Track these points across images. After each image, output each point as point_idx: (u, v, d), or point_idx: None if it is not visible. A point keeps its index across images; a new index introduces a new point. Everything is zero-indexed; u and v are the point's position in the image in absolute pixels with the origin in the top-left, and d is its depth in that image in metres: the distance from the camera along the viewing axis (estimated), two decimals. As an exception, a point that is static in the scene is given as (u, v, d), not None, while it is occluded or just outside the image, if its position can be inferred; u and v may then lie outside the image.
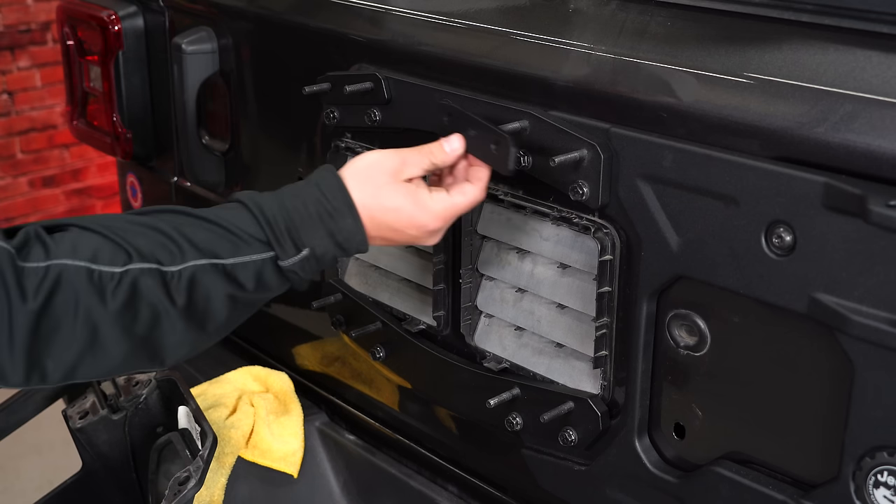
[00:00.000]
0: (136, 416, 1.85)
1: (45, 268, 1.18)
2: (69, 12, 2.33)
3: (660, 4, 1.34)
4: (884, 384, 1.10)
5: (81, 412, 1.84)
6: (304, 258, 1.29)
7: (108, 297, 1.20)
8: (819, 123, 1.12)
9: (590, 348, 1.39)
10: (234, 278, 1.27)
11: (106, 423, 1.83)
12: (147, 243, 1.24)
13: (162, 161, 2.29)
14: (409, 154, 1.37)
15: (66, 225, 1.25)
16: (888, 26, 1.14)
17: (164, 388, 1.84)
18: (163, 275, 1.23)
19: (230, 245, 1.27)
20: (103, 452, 1.85)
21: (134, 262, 1.22)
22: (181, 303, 1.24)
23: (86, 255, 1.21)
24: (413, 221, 1.34)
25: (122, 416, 1.84)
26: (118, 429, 1.84)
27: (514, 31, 1.46)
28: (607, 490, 1.42)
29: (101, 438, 1.84)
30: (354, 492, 1.89)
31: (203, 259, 1.25)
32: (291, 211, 1.30)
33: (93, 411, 1.83)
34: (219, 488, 1.80)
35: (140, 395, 1.84)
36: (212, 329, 1.29)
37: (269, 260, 1.28)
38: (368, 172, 1.34)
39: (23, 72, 4.74)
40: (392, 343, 1.70)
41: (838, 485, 1.15)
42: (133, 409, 1.84)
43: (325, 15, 1.75)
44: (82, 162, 4.98)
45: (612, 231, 1.33)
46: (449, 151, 1.37)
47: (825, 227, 1.11)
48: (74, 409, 1.86)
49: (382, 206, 1.33)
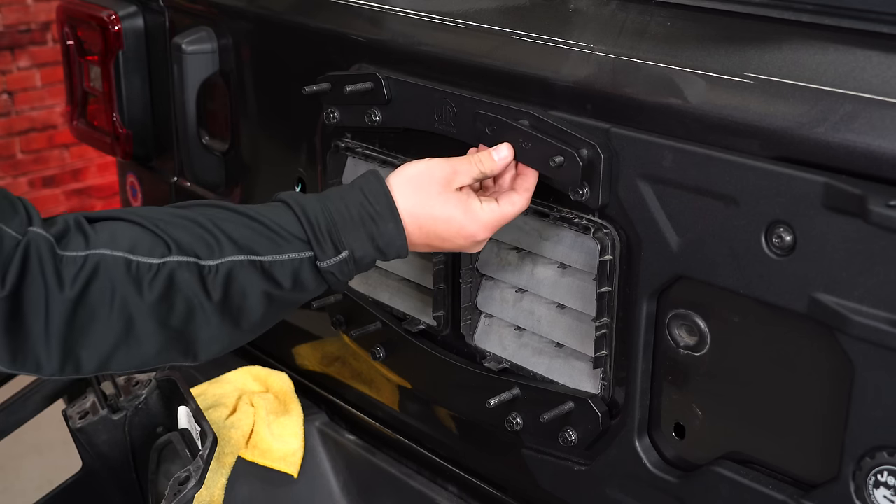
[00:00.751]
0: (136, 416, 1.85)
1: (83, 257, 1.19)
2: (69, 12, 2.33)
3: (660, 4, 1.34)
4: (884, 384, 1.10)
5: (81, 412, 1.84)
6: (342, 260, 1.29)
7: (144, 289, 1.21)
8: (819, 123, 1.12)
9: (590, 348, 1.39)
10: (272, 276, 1.27)
11: (106, 423, 1.83)
12: (186, 236, 1.24)
13: (162, 161, 2.29)
14: (460, 163, 1.36)
15: (107, 217, 1.25)
16: (888, 26, 1.14)
17: (164, 388, 1.84)
18: (200, 269, 1.23)
19: (269, 243, 1.27)
20: (103, 452, 1.85)
21: (172, 255, 1.22)
22: (217, 297, 1.24)
23: (124, 246, 1.21)
24: (462, 231, 1.34)
25: (122, 416, 1.83)
26: (118, 429, 1.84)
27: (514, 31, 1.46)
28: (607, 490, 1.42)
29: (101, 438, 1.84)
30: (354, 492, 1.89)
31: (241, 255, 1.25)
32: (334, 212, 1.30)
33: (93, 411, 1.83)
34: (219, 488, 1.80)
35: (140, 395, 1.84)
36: (246, 326, 1.29)
37: (308, 260, 1.28)
38: (419, 181, 1.34)
39: (23, 72, 4.74)
40: (392, 343, 1.70)
41: (838, 485, 1.15)
42: (133, 409, 1.84)
43: (325, 15, 1.75)
44: (82, 162, 4.98)
45: (612, 231, 1.33)
46: (498, 160, 1.37)
47: (825, 227, 1.11)
48: (74, 409, 1.86)
49: (433, 215, 1.33)
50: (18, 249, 1.16)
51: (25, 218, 1.19)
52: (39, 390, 1.91)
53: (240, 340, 1.31)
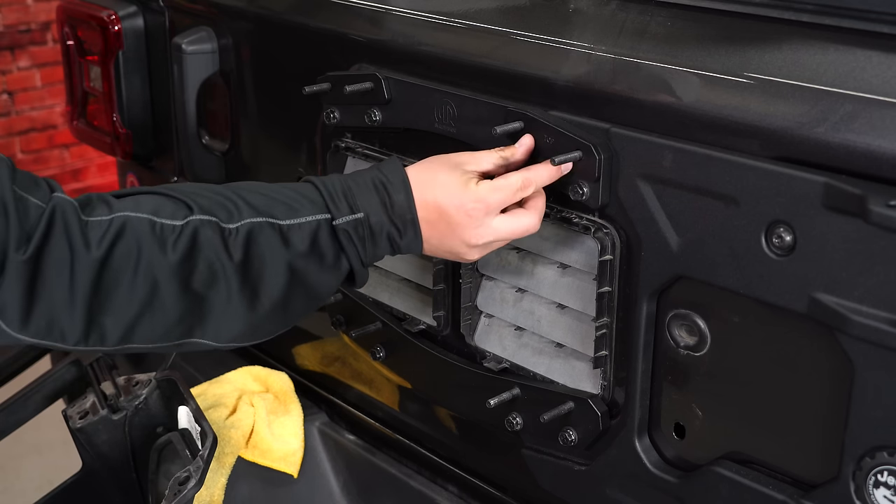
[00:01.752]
0: (136, 416, 1.85)
1: (108, 220, 1.22)
2: (69, 12, 2.33)
3: (660, 4, 1.34)
4: (884, 384, 1.10)
5: (81, 412, 1.84)
6: (357, 220, 1.31)
7: (168, 249, 1.23)
8: (819, 123, 1.12)
9: (590, 348, 1.39)
10: (289, 240, 1.29)
11: (106, 423, 1.83)
12: (207, 201, 1.28)
13: (162, 161, 2.29)
14: (480, 152, 1.39)
15: (128, 193, 1.29)
16: (888, 26, 1.14)
17: (164, 388, 1.84)
18: (221, 230, 1.26)
19: (287, 209, 1.31)
20: (103, 452, 1.85)
21: (195, 214, 1.26)
22: (238, 258, 1.26)
23: (148, 209, 1.25)
24: (461, 205, 1.32)
25: (122, 416, 1.83)
26: (118, 429, 1.84)
27: (514, 31, 1.46)
28: (607, 490, 1.42)
29: (101, 438, 1.84)
30: (354, 492, 1.89)
31: (260, 217, 1.29)
32: (349, 180, 1.34)
33: (93, 411, 1.83)
34: (219, 488, 1.80)
35: (140, 395, 1.84)
36: (266, 301, 1.30)
37: (325, 221, 1.31)
38: (433, 160, 1.38)
39: (23, 72, 4.74)
40: (392, 343, 1.70)
41: (838, 485, 1.15)
42: (133, 409, 1.84)
43: (325, 15, 1.75)
44: (82, 162, 4.99)
45: (612, 231, 1.33)
46: (519, 147, 1.37)
47: (825, 227, 1.11)
48: (74, 409, 1.85)
49: (437, 182, 1.34)
50: (44, 215, 1.18)
51: (47, 190, 1.23)
52: (39, 390, 1.91)
53: (258, 321, 1.32)
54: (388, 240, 1.34)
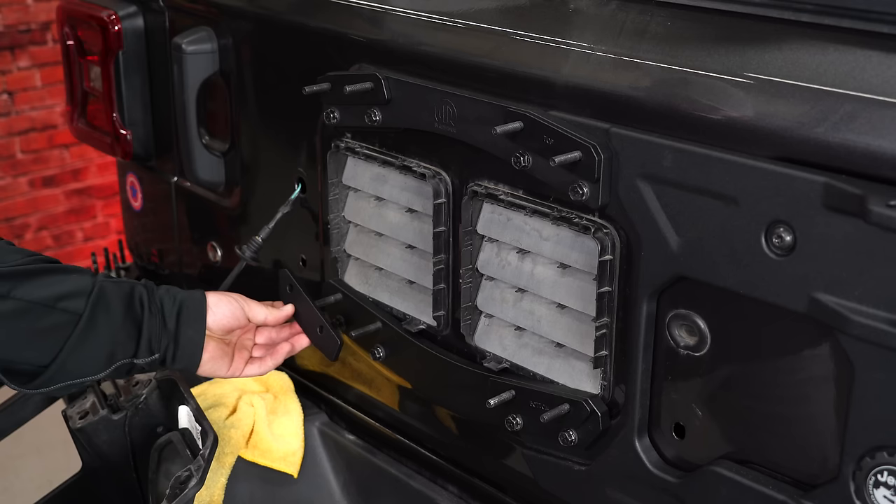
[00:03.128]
0: (136, 416, 1.85)
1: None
2: (69, 12, 2.33)
3: (660, 4, 1.34)
4: (884, 384, 1.10)
5: (81, 412, 1.84)
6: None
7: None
8: (819, 123, 1.12)
9: (590, 348, 1.39)
10: None
11: (106, 423, 1.83)
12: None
13: (162, 161, 2.29)
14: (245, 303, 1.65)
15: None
16: (888, 26, 1.14)
17: (164, 388, 1.84)
18: None
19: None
20: (103, 452, 1.85)
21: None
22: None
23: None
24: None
25: (122, 416, 1.84)
26: (118, 429, 1.84)
27: (514, 31, 1.46)
28: (607, 490, 1.42)
29: (101, 438, 1.84)
30: (354, 492, 1.89)
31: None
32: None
33: (93, 411, 1.83)
34: (219, 488, 1.80)
35: (140, 395, 1.84)
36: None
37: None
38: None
39: (23, 72, 4.73)
40: (392, 343, 1.70)
41: (838, 485, 1.15)
42: (133, 409, 1.84)
43: (325, 15, 1.75)
44: (82, 162, 4.98)
45: (612, 231, 1.33)
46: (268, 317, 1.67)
47: (825, 227, 1.11)
48: (74, 409, 1.86)
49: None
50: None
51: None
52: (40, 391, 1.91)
53: None
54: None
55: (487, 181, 1.49)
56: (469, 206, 1.51)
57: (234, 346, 1.65)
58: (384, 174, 1.65)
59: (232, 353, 1.64)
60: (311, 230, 1.84)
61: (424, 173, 1.56)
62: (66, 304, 1.45)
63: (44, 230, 4.94)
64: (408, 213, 1.63)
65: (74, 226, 5.04)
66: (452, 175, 1.54)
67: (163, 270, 2.42)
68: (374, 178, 1.67)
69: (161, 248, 2.41)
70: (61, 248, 5.00)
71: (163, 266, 2.42)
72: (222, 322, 1.60)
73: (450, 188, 1.54)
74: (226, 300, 1.62)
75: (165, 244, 2.38)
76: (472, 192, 1.50)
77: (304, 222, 1.85)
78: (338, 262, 1.78)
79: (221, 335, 1.62)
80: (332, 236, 1.76)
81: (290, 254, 1.92)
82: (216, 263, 2.16)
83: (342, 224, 1.76)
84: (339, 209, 1.75)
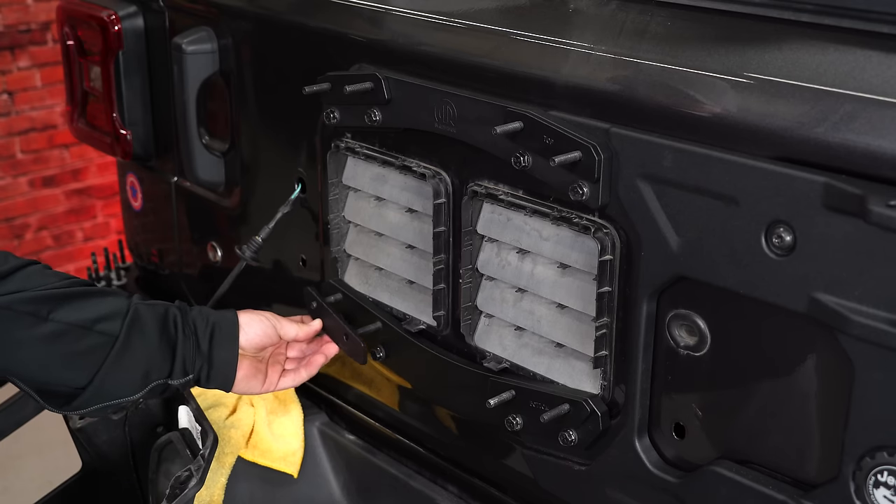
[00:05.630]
0: (136, 415, 1.85)
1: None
2: (69, 12, 2.33)
3: (660, 4, 1.34)
4: (884, 384, 1.10)
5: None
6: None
7: None
8: (819, 123, 1.12)
9: (590, 348, 1.39)
10: None
11: (106, 423, 1.83)
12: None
13: (162, 161, 2.29)
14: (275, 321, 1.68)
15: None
16: (888, 26, 1.14)
17: (164, 388, 1.83)
18: None
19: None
20: (103, 452, 1.86)
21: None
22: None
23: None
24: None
25: (122, 416, 1.84)
26: (118, 429, 1.84)
27: (514, 31, 1.46)
28: (607, 490, 1.42)
29: (101, 438, 1.84)
30: (354, 492, 1.89)
31: None
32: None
33: (93, 411, 1.83)
34: (219, 488, 1.80)
35: (140, 394, 1.83)
36: None
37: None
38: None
39: (23, 72, 4.73)
40: (392, 343, 1.70)
41: (838, 485, 1.15)
42: (133, 408, 1.84)
43: (325, 15, 1.75)
44: (82, 162, 4.98)
45: (612, 231, 1.33)
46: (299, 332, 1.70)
47: (825, 227, 1.11)
48: (74, 409, 1.85)
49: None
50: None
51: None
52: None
53: None
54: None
55: (487, 181, 1.49)
56: (469, 206, 1.51)
57: (266, 362, 1.68)
58: (384, 174, 1.65)
59: (265, 370, 1.67)
60: (311, 230, 1.84)
61: (424, 173, 1.56)
62: (103, 327, 1.47)
63: (44, 230, 4.94)
64: (408, 213, 1.63)
65: (74, 226, 5.04)
66: (452, 175, 1.54)
67: (163, 270, 2.42)
68: (374, 178, 1.67)
69: (161, 248, 2.41)
70: (61, 248, 5.00)
71: (163, 266, 2.42)
72: (255, 341, 1.63)
73: (450, 188, 1.54)
74: (257, 319, 1.64)
75: (165, 244, 2.38)
76: (472, 192, 1.50)
77: (304, 222, 1.85)
78: (338, 262, 1.78)
79: (254, 353, 1.65)
80: (332, 236, 1.76)
81: (290, 254, 1.92)
82: (216, 263, 2.16)
83: (342, 224, 1.76)
84: (339, 209, 1.75)
